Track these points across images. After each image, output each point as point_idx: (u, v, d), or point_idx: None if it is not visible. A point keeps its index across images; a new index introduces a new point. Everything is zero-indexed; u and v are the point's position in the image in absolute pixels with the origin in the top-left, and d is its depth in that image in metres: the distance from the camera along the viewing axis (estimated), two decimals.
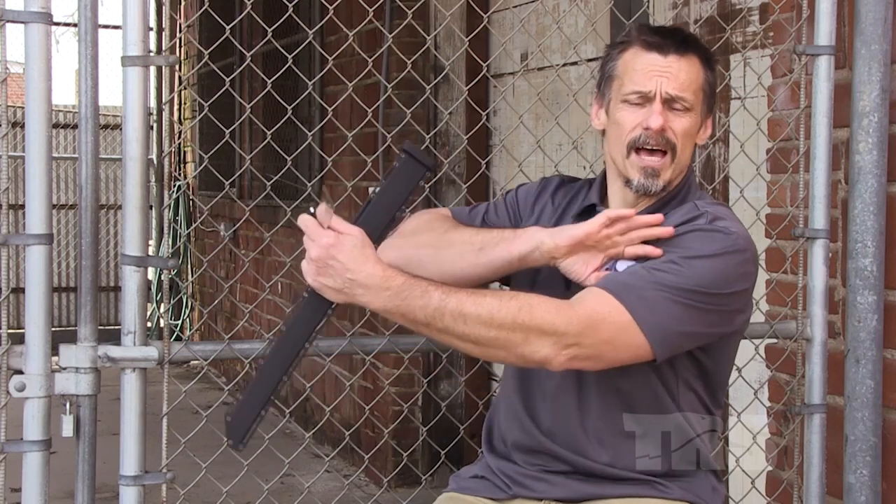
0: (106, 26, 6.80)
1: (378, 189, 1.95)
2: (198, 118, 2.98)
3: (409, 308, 1.88)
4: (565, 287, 2.07)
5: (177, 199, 9.13)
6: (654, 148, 2.06)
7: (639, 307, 1.93)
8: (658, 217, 2.04)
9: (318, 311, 1.91)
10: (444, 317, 1.88)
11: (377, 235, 1.92)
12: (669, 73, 2.06)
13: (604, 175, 2.18)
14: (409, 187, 1.94)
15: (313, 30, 2.76)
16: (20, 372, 2.09)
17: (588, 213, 2.14)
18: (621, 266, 2.05)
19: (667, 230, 2.01)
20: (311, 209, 1.93)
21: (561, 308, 1.91)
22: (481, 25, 2.82)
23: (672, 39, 2.08)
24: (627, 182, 2.08)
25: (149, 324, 9.11)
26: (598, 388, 2.06)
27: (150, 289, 9.06)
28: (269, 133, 2.48)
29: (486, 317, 1.88)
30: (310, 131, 2.92)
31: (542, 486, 2.09)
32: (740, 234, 2.04)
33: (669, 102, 2.05)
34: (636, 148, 2.06)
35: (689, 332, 1.98)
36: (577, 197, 2.21)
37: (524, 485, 2.11)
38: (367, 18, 2.65)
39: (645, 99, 2.06)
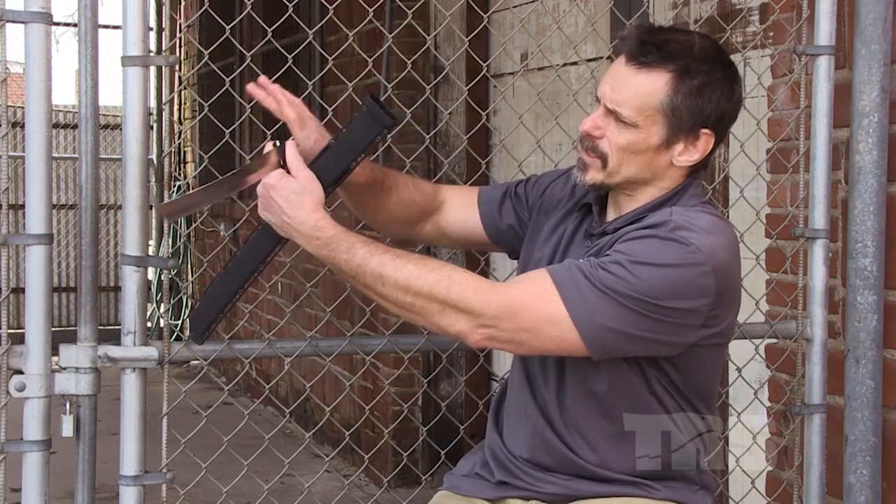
0: (106, 26, 6.79)
1: (336, 137, 2.04)
2: (198, 118, 2.97)
3: (335, 261, 1.97)
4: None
5: None
6: (587, 149, 2.04)
7: (574, 300, 1.90)
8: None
9: (271, 236, 2.03)
10: (366, 275, 1.95)
11: (327, 182, 2.01)
12: (616, 82, 2.00)
13: None
14: (366, 141, 2.03)
15: (313, 30, 2.75)
16: (20, 372, 2.09)
17: (585, 209, 2.15)
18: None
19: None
20: (277, 142, 2.05)
21: (480, 288, 1.92)
22: (481, 25, 2.82)
23: (648, 47, 1.99)
24: None
25: (149, 324, 9.11)
26: (574, 389, 2.05)
27: (150, 289, 9.06)
28: (269, 133, 2.48)
29: (403, 283, 1.93)
30: None
31: (529, 481, 2.09)
32: (701, 246, 1.92)
33: (613, 113, 2.00)
34: (580, 146, 2.07)
35: (628, 333, 1.91)
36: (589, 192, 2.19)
37: (512, 472, 2.11)
38: (367, 18, 2.65)
39: (598, 101, 2.04)
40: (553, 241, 2.17)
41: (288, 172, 2.00)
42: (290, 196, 1.96)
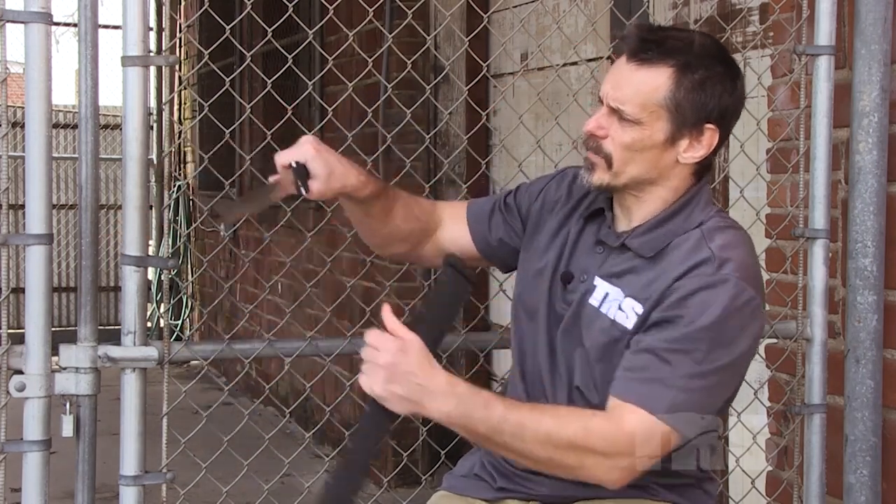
0: (106, 26, 6.80)
1: (425, 302, 1.91)
2: (198, 118, 2.98)
3: (471, 419, 1.84)
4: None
5: (177, 199, 9.14)
6: (592, 150, 2.03)
7: (674, 418, 1.90)
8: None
9: (381, 424, 1.87)
10: (504, 433, 1.84)
11: (428, 347, 1.85)
12: (618, 80, 1.99)
13: None
14: (457, 298, 1.89)
15: (313, 30, 2.76)
16: (20, 372, 2.09)
17: (598, 215, 2.13)
18: (599, 296, 2.04)
19: None
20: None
21: (612, 430, 1.89)
22: (481, 25, 2.82)
23: (649, 45, 1.99)
24: None
25: (149, 324, 9.11)
26: (588, 392, 2.04)
27: (150, 289, 9.06)
28: (269, 133, 2.48)
29: (542, 436, 1.85)
30: (310, 131, 2.91)
31: (529, 484, 2.09)
32: (747, 280, 1.94)
33: (616, 112, 2.00)
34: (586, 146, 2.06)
35: (717, 407, 1.98)
36: (589, 193, 2.18)
37: (512, 479, 2.11)
38: (367, 18, 2.65)
39: (601, 102, 2.03)
40: (556, 247, 2.15)
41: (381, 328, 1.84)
42: (419, 356, 1.81)
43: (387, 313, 1.85)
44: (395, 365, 1.80)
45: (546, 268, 2.13)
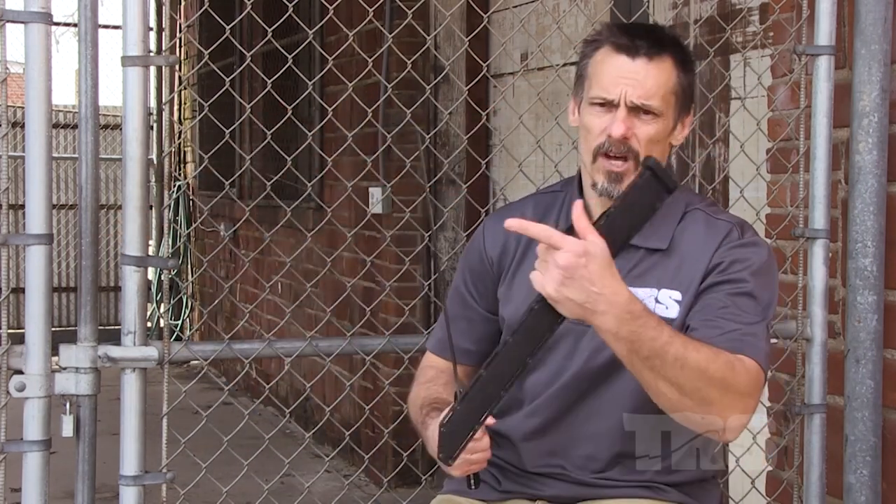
0: (106, 26, 6.80)
1: (617, 204, 1.79)
2: (198, 118, 2.98)
3: (640, 337, 1.76)
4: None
5: (177, 199, 9.14)
6: (618, 154, 2.02)
7: (762, 357, 1.94)
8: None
9: (545, 324, 1.76)
10: (667, 356, 1.78)
11: (615, 251, 1.75)
12: (636, 79, 2.00)
13: (580, 175, 2.15)
14: (650, 206, 1.78)
15: (313, 30, 2.76)
16: (20, 372, 2.09)
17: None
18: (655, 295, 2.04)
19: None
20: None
21: (747, 370, 1.90)
22: (481, 25, 2.82)
23: (644, 41, 2.02)
24: (594, 185, 2.06)
25: (149, 324, 9.11)
26: (609, 389, 2.05)
27: (150, 289, 9.06)
28: (269, 133, 2.48)
29: (701, 367, 1.82)
30: (310, 131, 2.91)
31: (535, 484, 2.09)
32: (757, 235, 2.10)
33: (635, 110, 2.01)
34: (602, 153, 2.04)
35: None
36: (554, 205, 2.17)
37: (517, 480, 2.10)
38: (367, 18, 2.65)
39: (611, 105, 2.02)
40: None
41: (569, 233, 1.74)
42: (603, 263, 1.71)
43: (578, 209, 1.73)
44: (574, 268, 1.69)
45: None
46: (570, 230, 1.86)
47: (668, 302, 2.02)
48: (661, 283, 2.03)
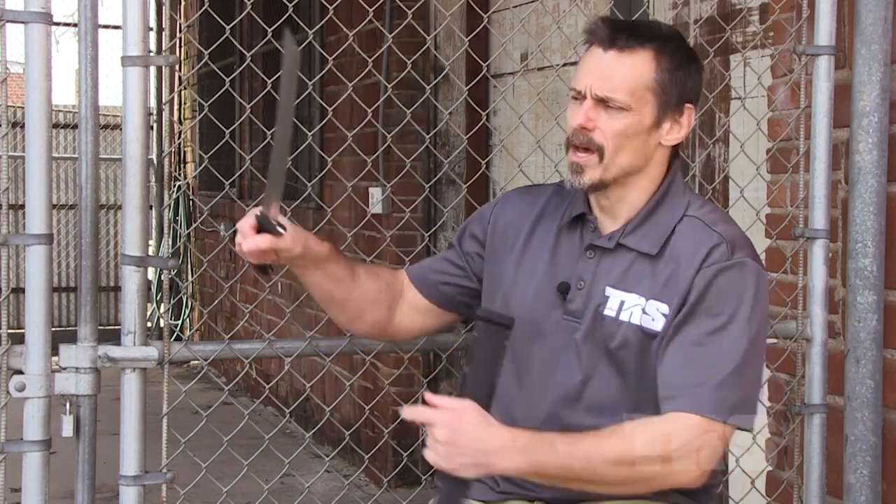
0: (106, 26, 6.80)
1: (469, 363, 1.90)
2: (198, 118, 2.98)
3: (542, 465, 1.86)
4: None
5: (177, 199, 9.14)
6: (579, 145, 2.03)
7: (716, 407, 1.94)
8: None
9: (457, 491, 1.86)
10: (572, 467, 1.86)
11: (488, 401, 1.86)
12: (602, 71, 2.00)
13: None
14: (500, 348, 1.87)
15: (313, 30, 2.76)
16: (20, 372, 2.08)
17: (579, 220, 2.12)
18: (615, 305, 2.04)
19: None
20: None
21: (684, 427, 1.92)
22: (481, 25, 2.82)
23: (623, 34, 2.01)
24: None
25: (149, 324, 9.11)
26: (611, 391, 2.05)
27: (150, 289, 9.06)
28: (269, 133, 2.48)
29: (612, 457, 1.87)
30: (310, 131, 2.92)
31: (531, 485, 2.08)
32: (754, 254, 2.04)
33: (601, 102, 2.00)
34: (571, 144, 2.04)
35: (759, 381, 2.06)
36: (564, 200, 2.16)
37: (515, 482, 2.10)
38: (367, 18, 2.65)
39: (581, 96, 2.03)
40: (539, 270, 2.12)
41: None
42: (475, 420, 1.82)
43: (429, 397, 1.86)
44: (454, 438, 1.81)
45: (542, 294, 2.10)
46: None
47: (654, 314, 2.01)
48: (651, 294, 2.02)
